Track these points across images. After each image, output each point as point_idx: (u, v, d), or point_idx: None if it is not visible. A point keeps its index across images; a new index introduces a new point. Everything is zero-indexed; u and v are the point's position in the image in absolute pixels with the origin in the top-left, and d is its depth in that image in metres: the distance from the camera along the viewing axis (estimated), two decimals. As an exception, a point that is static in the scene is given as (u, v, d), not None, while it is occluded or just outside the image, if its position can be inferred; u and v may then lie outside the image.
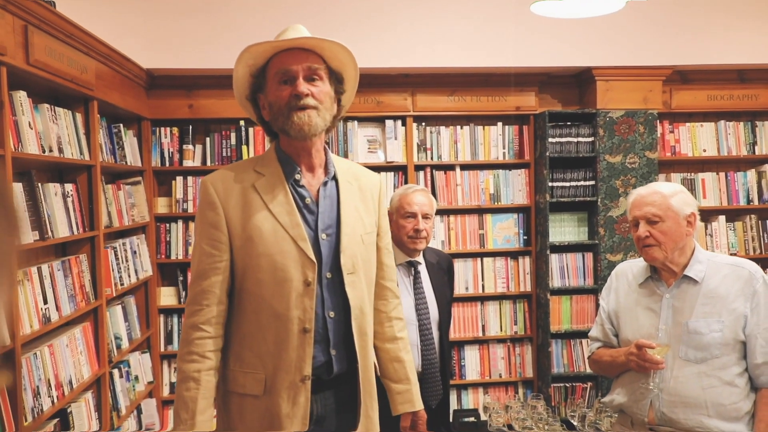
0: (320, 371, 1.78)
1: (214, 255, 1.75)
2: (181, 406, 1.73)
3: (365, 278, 1.85)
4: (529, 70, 4.22)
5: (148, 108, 4.12)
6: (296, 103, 1.72)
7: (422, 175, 4.36)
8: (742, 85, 4.48)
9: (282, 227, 1.74)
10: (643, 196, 2.19)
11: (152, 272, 4.12)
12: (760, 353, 2.08)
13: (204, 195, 1.78)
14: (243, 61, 1.78)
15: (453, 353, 4.37)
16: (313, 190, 1.82)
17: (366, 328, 1.85)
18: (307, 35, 1.80)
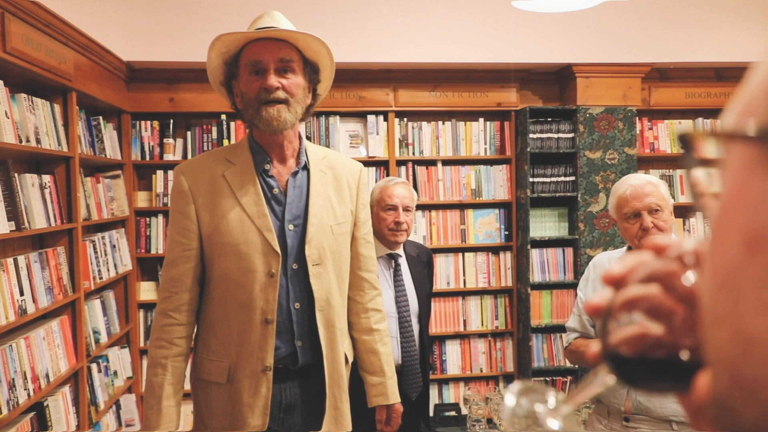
0: (286, 362, 1.79)
1: (183, 243, 1.76)
2: (149, 391, 1.75)
3: (334, 270, 1.83)
4: (510, 66, 4.24)
5: (128, 101, 4.08)
6: (266, 96, 1.70)
7: (404, 170, 4.37)
8: (720, 83, 4.55)
9: (248, 217, 1.74)
10: (640, 187, 2.16)
11: (132, 266, 4.09)
12: None
13: (175, 184, 1.80)
14: (215, 49, 1.78)
15: (434, 348, 4.39)
16: (282, 180, 1.81)
17: (334, 320, 1.83)
18: (283, 23, 1.78)
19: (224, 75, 1.83)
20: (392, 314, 2.64)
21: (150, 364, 1.78)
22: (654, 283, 0.44)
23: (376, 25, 4.00)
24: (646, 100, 4.46)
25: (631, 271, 0.46)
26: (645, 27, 4.18)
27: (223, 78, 1.83)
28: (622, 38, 4.17)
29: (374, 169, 4.35)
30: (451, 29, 4.04)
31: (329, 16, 3.93)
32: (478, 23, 4.06)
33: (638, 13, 4.16)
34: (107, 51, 3.53)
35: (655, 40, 4.20)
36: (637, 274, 0.45)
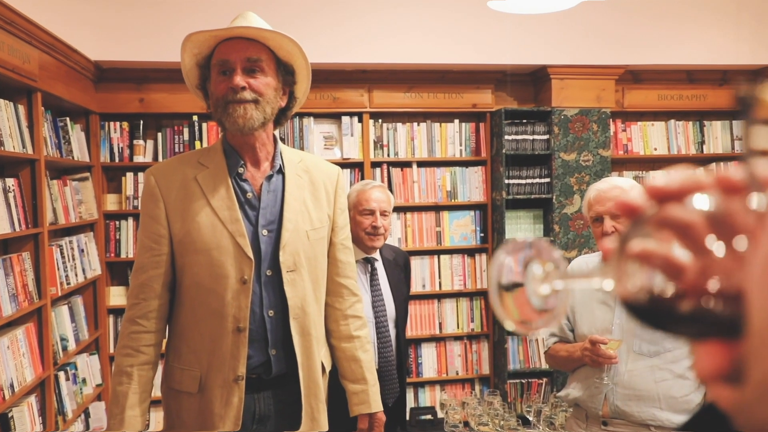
0: (259, 371, 1.74)
1: (153, 248, 1.71)
2: (113, 400, 1.70)
3: (310, 276, 1.78)
4: (485, 67, 4.23)
5: (96, 101, 3.98)
6: (233, 96, 1.65)
7: (379, 171, 4.33)
8: (691, 85, 4.59)
9: (221, 222, 1.69)
10: (604, 191, 2.18)
11: (101, 271, 3.99)
12: None
13: (146, 187, 1.75)
14: (187, 50, 1.73)
15: (410, 351, 4.36)
16: (256, 184, 1.76)
17: (309, 328, 1.78)
18: (255, 23, 1.72)
19: (199, 78, 1.77)
20: (369, 319, 2.60)
21: (115, 372, 1.72)
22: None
23: (351, 25, 3.96)
24: (619, 101, 4.49)
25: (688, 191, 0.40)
26: (618, 30, 4.20)
27: (198, 81, 1.78)
28: (596, 40, 4.19)
29: (349, 170, 4.31)
30: (426, 30, 4.02)
31: (303, 16, 3.87)
32: (454, 24, 4.04)
33: (612, 15, 4.18)
34: (74, 50, 3.43)
35: (628, 42, 4.23)
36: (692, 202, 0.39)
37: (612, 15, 4.18)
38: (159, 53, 3.78)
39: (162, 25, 3.77)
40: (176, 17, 3.77)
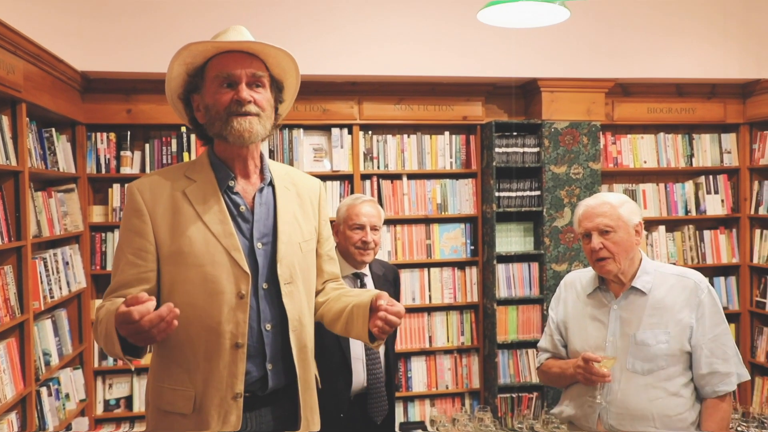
0: (255, 387, 1.70)
1: (139, 265, 1.65)
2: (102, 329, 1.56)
3: (304, 288, 1.78)
4: (476, 80, 4.23)
5: (83, 112, 3.94)
6: (237, 108, 1.64)
7: (369, 184, 4.30)
8: (680, 98, 4.61)
9: (214, 237, 1.65)
10: (593, 207, 2.17)
11: (86, 284, 3.93)
12: (705, 363, 2.08)
13: (130, 201, 1.68)
14: (180, 58, 1.69)
15: (399, 365, 4.32)
16: (248, 197, 1.74)
17: (306, 340, 1.77)
18: (250, 38, 1.72)
19: (183, 87, 1.74)
20: (358, 335, 2.56)
21: (98, 329, 1.60)
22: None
23: (341, 37, 3.94)
24: (609, 114, 4.49)
25: None
26: (608, 43, 4.21)
27: (182, 91, 1.75)
28: (586, 54, 4.19)
29: (338, 183, 4.28)
30: (416, 42, 4.01)
31: (293, 27, 3.85)
32: (444, 36, 4.03)
33: (602, 29, 4.19)
34: (60, 60, 3.38)
35: (618, 56, 4.24)
36: None
37: (602, 29, 4.20)
38: (147, 64, 3.74)
39: (150, 36, 3.74)
40: (165, 28, 3.74)
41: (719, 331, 2.10)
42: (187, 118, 1.79)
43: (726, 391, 2.08)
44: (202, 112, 1.71)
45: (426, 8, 4.01)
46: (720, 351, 2.08)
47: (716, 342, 2.09)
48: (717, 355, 2.08)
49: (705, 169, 4.69)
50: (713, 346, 2.08)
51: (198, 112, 1.73)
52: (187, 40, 1.68)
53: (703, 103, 4.62)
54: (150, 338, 1.41)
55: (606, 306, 2.20)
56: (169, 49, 3.78)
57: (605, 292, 2.22)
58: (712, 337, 2.09)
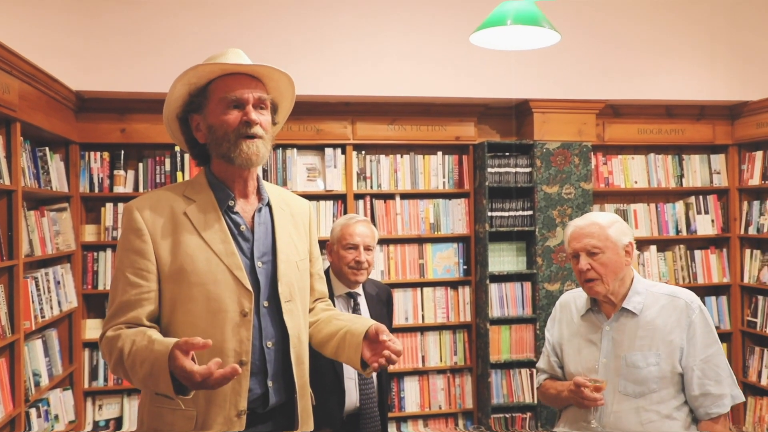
0: (255, 404, 1.71)
1: (141, 285, 1.64)
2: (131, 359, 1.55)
3: (301, 306, 1.81)
4: (468, 100, 4.27)
5: (77, 131, 3.94)
6: (246, 130, 1.68)
7: (362, 203, 4.32)
8: (670, 120, 4.66)
9: (216, 256, 1.66)
10: (581, 228, 2.17)
11: (77, 303, 3.91)
12: (697, 385, 2.05)
13: (129, 221, 1.67)
14: (185, 78, 1.71)
15: (392, 385, 4.30)
16: (248, 217, 1.76)
17: (303, 356, 1.80)
18: (249, 61, 1.76)
19: (182, 107, 1.76)
20: (351, 355, 2.56)
21: (110, 351, 1.60)
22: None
23: (334, 58, 3.98)
24: (600, 135, 4.54)
25: None
26: (599, 65, 4.27)
27: (180, 111, 1.76)
28: (577, 76, 4.25)
29: (332, 202, 4.29)
30: (409, 63, 4.05)
31: (286, 48, 3.89)
32: (437, 58, 4.08)
33: (592, 52, 4.25)
34: (54, 80, 3.40)
35: (608, 78, 4.29)
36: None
37: (592, 51, 4.25)
38: (141, 84, 3.76)
39: (144, 56, 3.76)
40: (159, 48, 3.77)
41: (711, 352, 2.07)
42: (183, 138, 1.80)
43: (719, 414, 2.05)
44: (204, 132, 1.73)
45: (419, 30, 4.06)
46: (712, 372, 2.05)
47: (708, 363, 2.05)
48: (709, 376, 2.05)
49: (695, 190, 4.74)
50: (705, 367, 2.05)
51: (198, 131, 1.74)
52: (182, 60, 1.71)
53: (692, 124, 4.68)
54: (210, 388, 1.46)
55: (598, 327, 2.18)
56: (163, 69, 3.81)
57: (597, 313, 2.21)
58: (704, 358, 2.05)
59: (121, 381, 4.01)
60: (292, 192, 2.01)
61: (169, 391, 1.49)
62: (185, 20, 3.80)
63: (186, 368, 1.42)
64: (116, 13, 3.75)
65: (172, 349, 1.46)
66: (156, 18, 3.78)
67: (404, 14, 4.05)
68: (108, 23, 3.74)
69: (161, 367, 1.47)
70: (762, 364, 4.45)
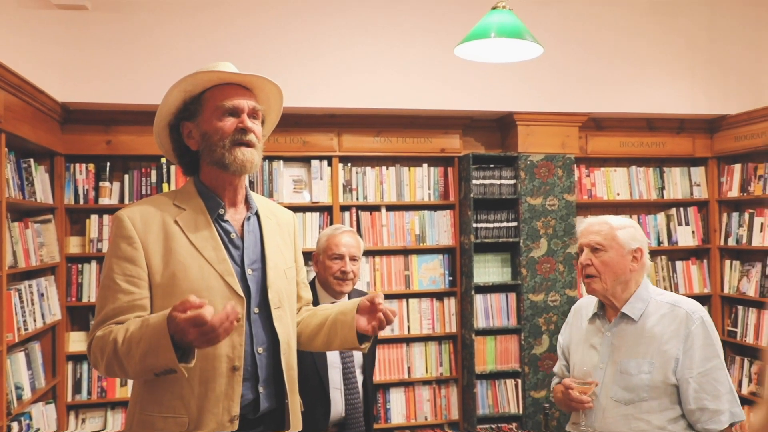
0: (247, 410, 1.72)
1: (133, 293, 1.64)
2: (126, 346, 1.54)
3: (290, 312, 1.85)
4: (453, 113, 4.32)
5: (62, 143, 3.94)
6: (241, 137, 1.72)
7: (348, 215, 4.34)
8: (651, 133, 4.74)
9: (208, 263, 1.68)
10: (591, 224, 2.18)
11: (61, 316, 3.88)
12: (693, 399, 1.99)
13: (120, 229, 1.68)
14: (182, 85, 1.74)
15: (378, 396, 4.30)
16: (237, 225, 1.79)
17: (293, 362, 1.83)
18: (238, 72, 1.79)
19: (175, 114, 1.78)
20: (336, 365, 2.58)
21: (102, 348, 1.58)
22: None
23: (320, 70, 4.01)
24: (583, 148, 4.60)
25: None
26: (582, 79, 4.34)
27: (172, 118, 1.79)
28: (560, 89, 4.31)
29: (318, 214, 4.31)
30: (395, 76, 4.10)
31: (273, 60, 3.92)
32: (422, 71, 4.13)
33: (576, 65, 4.32)
34: (40, 91, 3.40)
35: (591, 91, 4.37)
36: None
37: (575, 65, 4.33)
38: (127, 95, 3.77)
39: (131, 68, 3.77)
40: (145, 60, 3.78)
41: (711, 366, 2.00)
42: (171, 146, 1.82)
43: (716, 430, 1.98)
44: (197, 138, 1.76)
45: (404, 42, 4.11)
46: (710, 387, 1.98)
47: (707, 377, 1.99)
48: (707, 390, 1.98)
49: (676, 201, 4.81)
50: (703, 381, 1.99)
51: (190, 139, 1.77)
52: (168, 72, 1.73)
53: (672, 137, 4.76)
54: (215, 339, 1.45)
55: (601, 332, 2.18)
56: (149, 81, 3.82)
57: (602, 318, 2.20)
58: (703, 371, 1.99)
59: (105, 394, 3.98)
60: (277, 203, 2.04)
61: (171, 361, 1.47)
62: (171, 33, 3.82)
63: (191, 318, 1.41)
64: (102, 25, 3.76)
65: (169, 313, 1.46)
66: (142, 30, 3.80)
67: (390, 27, 4.10)
68: (94, 35, 3.75)
69: (161, 335, 1.47)
70: (743, 373, 4.51)
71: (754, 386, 4.41)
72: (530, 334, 4.31)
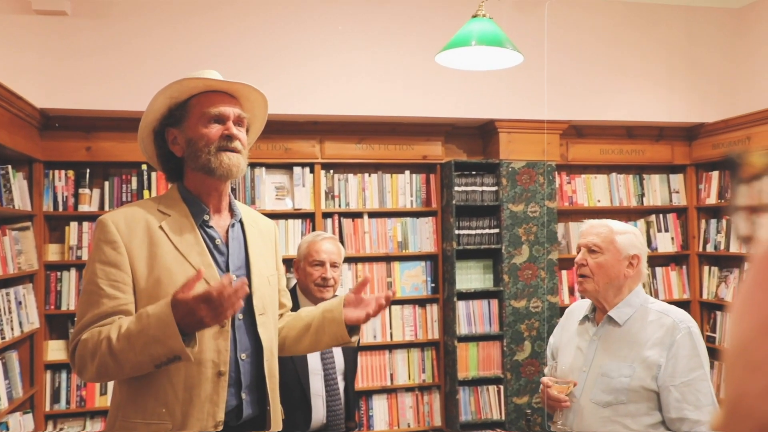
0: (230, 417, 1.71)
1: (118, 297, 1.63)
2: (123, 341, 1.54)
3: (272, 319, 1.85)
4: (435, 120, 4.34)
5: (41, 149, 3.90)
6: (227, 144, 1.72)
7: (330, 222, 4.33)
8: (630, 140, 4.79)
9: (193, 268, 1.67)
10: (592, 226, 2.19)
11: (39, 324, 3.83)
12: (674, 408, 1.98)
13: (103, 233, 1.67)
14: (168, 92, 1.74)
15: (360, 403, 4.29)
16: (222, 231, 1.80)
17: (275, 370, 1.83)
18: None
19: (160, 120, 1.78)
20: (317, 371, 2.57)
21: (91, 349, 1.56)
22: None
23: (302, 77, 4.01)
24: (564, 155, 4.64)
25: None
26: (563, 87, 4.38)
27: (157, 124, 1.79)
28: (541, 97, 4.35)
29: (300, 221, 4.30)
30: (377, 83, 4.11)
31: (255, 67, 3.91)
32: (405, 78, 4.14)
33: (557, 74, 4.36)
34: (18, 97, 3.37)
35: (572, 99, 4.41)
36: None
37: (556, 73, 4.37)
38: (108, 102, 3.74)
39: (111, 74, 3.75)
40: (126, 66, 3.76)
41: (694, 376, 1.98)
42: (156, 153, 1.82)
43: None
44: (181, 145, 1.76)
45: (386, 50, 4.13)
46: (693, 397, 1.96)
47: (689, 387, 1.97)
48: (689, 401, 1.96)
49: (655, 208, 4.87)
50: (685, 390, 1.97)
51: (175, 145, 1.77)
52: (149, 77, 1.74)
53: (651, 145, 4.82)
54: (223, 316, 1.48)
55: (588, 334, 2.19)
56: (130, 87, 3.79)
57: (591, 320, 2.22)
58: (686, 381, 1.97)
59: (84, 403, 3.94)
60: (258, 211, 2.06)
61: (178, 346, 1.49)
62: (153, 39, 3.81)
63: (202, 293, 1.45)
64: (82, 31, 3.74)
65: (172, 299, 1.49)
66: (123, 36, 3.78)
67: (372, 34, 4.12)
68: (74, 41, 3.73)
69: (165, 322, 1.49)
70: (721, 378, 4.56)
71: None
72: (512, 340, 4.32)
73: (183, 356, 1.51)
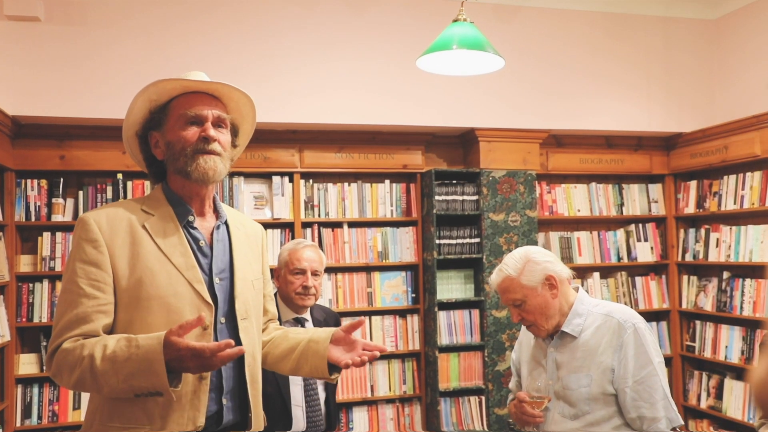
0: (209, 422, 1.66)
1: (98, 297, 1.58)
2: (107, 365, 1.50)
3: (256, 324, 1.81)
4: (415, 129, 4.32)
5: (12, 158, 3.81)
6: (204, 146, 1.69)
7: (310, 232, 4.29)
8: (610, 150, 4.82)
9: (176, 269, 1.64)
10: (497, 284, 2.17)
11: (10, 337, 3.72)
12: (631, 407, 2.00)
13: (85, 232, 1.62)
14: (146, 94, 1.71)
15: (341, 415, 4.23)
16: (207, 233, 1.76)
17: (257, 376, 1.79)
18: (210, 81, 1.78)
19: (142, 124, 1.75)
20: (298, 381, 2.53)
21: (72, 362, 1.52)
22: None
23: (281, 85, 3.98)
24: (544, 164, 4.65)
25: None
26: (542, 96, 4.40)
27: (140, 128, 1.76)
28: (521, 106, 4.36)
29: (279, 231, 4.25)
30: (356, 91, 4.09)
31: (234, 75, 3.87)
32: (384, 86, 4.13)
33: (536, 83, 4.39)
34: (-10, 104, 3.29)
35: (551, 108, 4.43)
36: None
37: (536, 82, 4.39)
38: (82, 109, 3.67)
39: (85, 82, 3.68)
40: (100, 74, 3.69)
41: (645, 374, 2.01)
42: (142, 156, 1.79)
43: None
44: (162, 148, 1.73)
45: (366, 58, 4.11)
46: (646, 394, 1.99)
47: (642, 385, 2.00)
48: (644, 398, 1.99)
49: (634, 218, 4.89)
50: (639, 389, 2.00)
51: (157, 148, 1.75)
52: (124, 85, 1.70)
53: (630, 154, 4.85)
54: (212, 366, 1.49)
55: (544, 349, 2.20)
56: (105, 95, 3.73)
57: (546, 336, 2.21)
58: (638, 379, 2.00)
59: (56, 418, 3.82)
60: None
61: (162, 384, 1.47)
62: (128, 47, 3.75)
63: (196, 347, 1.44)
64: (55, 37, 3.67)
65: (165, 338, 1.46)
66: (97, 43, 3.72)
67: (351, 42, 4.10)
68: (47, 47, 3.66)
69: (154, 359, 1.46)
70: (701, 387, 4.57)
71: (713, 400, 4.47)
72: (494, 350, 4.30)
73: (166, 395, 1.49)
